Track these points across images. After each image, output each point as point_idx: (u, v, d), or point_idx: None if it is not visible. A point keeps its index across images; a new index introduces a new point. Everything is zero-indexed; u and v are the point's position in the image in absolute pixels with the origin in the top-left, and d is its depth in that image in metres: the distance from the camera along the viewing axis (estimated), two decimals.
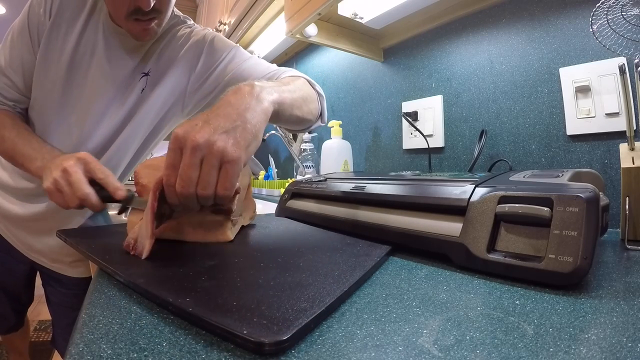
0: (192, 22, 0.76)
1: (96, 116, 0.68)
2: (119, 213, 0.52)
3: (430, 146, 0.92)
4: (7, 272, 0.78)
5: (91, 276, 0.80)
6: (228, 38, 1.61)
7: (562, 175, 0.41)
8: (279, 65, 0.81)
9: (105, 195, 0.52)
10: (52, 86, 0.64)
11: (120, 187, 0.52)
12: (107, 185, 0.52)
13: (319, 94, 0.66)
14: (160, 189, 0.36)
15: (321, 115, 0.67)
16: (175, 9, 0.72)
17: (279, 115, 0.47)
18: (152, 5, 0.57)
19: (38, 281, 0.86)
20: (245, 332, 0.20)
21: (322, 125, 0.69)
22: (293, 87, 0.54)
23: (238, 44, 0.76)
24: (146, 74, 0.71)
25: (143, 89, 0.71)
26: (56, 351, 0.94)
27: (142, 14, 0.59)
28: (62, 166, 0.51)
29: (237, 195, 0.39)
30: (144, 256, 0.36)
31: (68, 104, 0.66)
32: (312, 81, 0.66)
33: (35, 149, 0.60)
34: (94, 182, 0.52)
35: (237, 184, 0.37)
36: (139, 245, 0.38)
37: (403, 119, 1.03)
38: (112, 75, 0.67)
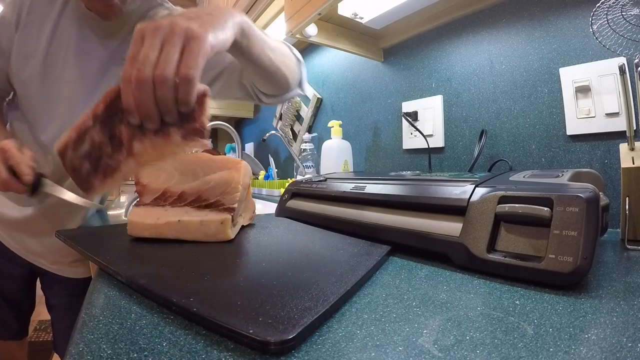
0: (169, 4, 0.73)
1: (79, 109, 0.67)
2: (30, 195, 0.56)
3: (430, 146, 0.92)
4: (5, 277, 0.77)
5: (91, 276, 0.80)
6: None
7: (562, 175, 0.41)
8: None
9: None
10: (31, 81, 0.64)
11: (27, 173, 0.54)
12: (17, 171, 0.54)
13: (297, 59, 0.64)
14: (115, 94, 0.31)
15: (301, 83, 0.65)
16: None
17: (250, 45, 0.44)
18: None
19: (38, 284, 0.86)
20: (251, 331, 0.20)
21: (301, 94, 0.68)
22: (266, 36, 0.52)
23: None
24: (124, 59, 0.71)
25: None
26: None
27: None
28: None
29: (206, 100, 0.31)
30: (55, 147, 0.32)
31: (51, 98, 0.66)
32: (291, 46, 0.65)
33: None
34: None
35: (206, 87, 0.31)
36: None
37: (403, 119, 1.03)
38: (89, 65, 0.67)
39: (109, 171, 0.33)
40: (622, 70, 0.46)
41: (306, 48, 1.58)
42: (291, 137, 1.70)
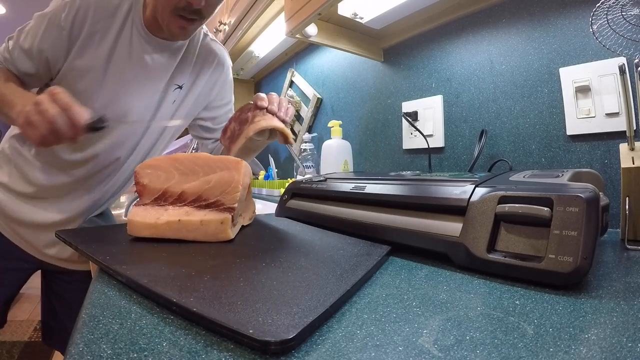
0: (207, 31, 0.82)
1: (138, 126, 0.72)
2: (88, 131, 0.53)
3: (430, 146, 0.92)
4: (6, 272, 0.78)
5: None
6: (228, 38, 1.62)
7: (562, 175, 0.41)
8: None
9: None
10: (86, 93, 0.65)
11: (83, 113, 0.52)
12: (71, 111, 0.52)
13: None
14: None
15: None
16: None
17: None
18: (202, 4, 0.60)
19: (37, 282, 0.86)
20: (251, 331, 0.20)
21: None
22: None
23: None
24: (179, 87, 0.76)
25: (174, 101, 0.76)
26: (56, 351, 0.93)
27: (188, 11, 0.61)
28: (34, 100, 0.51)
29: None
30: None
31: (102, 107, 0.67)
32: None
33: (19, 96, 0.59)
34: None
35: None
36: None
37: (403, 119, 1.03)
38: (147, 86, 0.71)
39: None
40: (622, 70, 0.46)
41: (306, 48, 1.58)
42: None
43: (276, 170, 1.61)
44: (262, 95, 0.61)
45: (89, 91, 0.66)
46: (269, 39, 1.56)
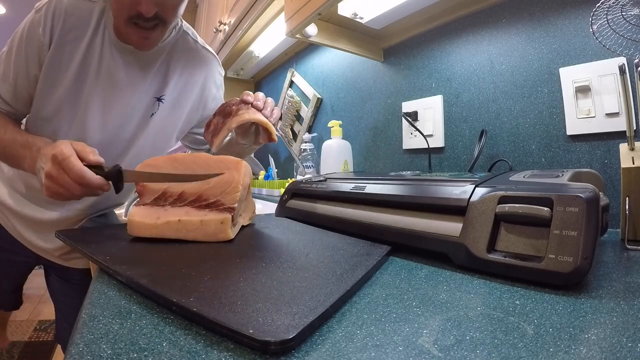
0: (191, 29, 0.76)
1: (103, 136, 0.68)
2: (117, 192, 0.52)
3: (430, 146, 0.92)
4: (11, 264, 0.80)
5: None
6: (228, 38, 1.62)
7: (562, 175, 0.41)
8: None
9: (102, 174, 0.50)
10: (59, 106, 0.64)
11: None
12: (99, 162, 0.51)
13: None
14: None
15: None
16: None
17: None
18: (153, 13, 0.56)
19: (37, 282, 0.87)
20: (251, 331, 0.20)
21: None
22: None
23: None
24: (159, 100, 0.71)
25: (153, 114, 0.71)
26: (56, 351, 0.94)
27: (144, 19, 0.57)
28: (51, 155, 0.49)
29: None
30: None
31: (75, 125, 0.65)
32: None
33: (22, 145, 0.58)
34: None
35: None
36: None
37: (403, 119, 1.03)
38: (120, 94, 0.67)
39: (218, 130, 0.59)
40: (622, 70, 0.46)
41: (306, 48, 1.58)
42: (291, 137, 1.70)
43: (276, 170, 1.61)
44: (249, 92, 0.61)
45: (59, 110, 0.63)
46: (269, 39, 1.56)
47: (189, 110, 0.76)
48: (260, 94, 0.62)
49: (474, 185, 0.39)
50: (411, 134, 1.00)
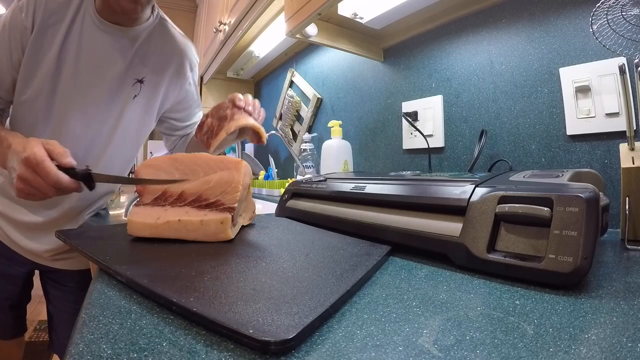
0: (166, 16, 0.78)
1: (85, 119, 0.68)
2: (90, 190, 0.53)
3: (430, 146, 0.92)
4: (7, 279, 0.77)
5: (88, 269, 0.81)
6: (228, 38, 1.62)
7: (562, 175, 0.41)
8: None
9: (73, 173, 0.51)
10: (40, 89, 0.64)
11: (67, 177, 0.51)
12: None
13: None
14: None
15: None
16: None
17: None
18: None
19: (36, 282, 0.86)
20: (251, 331, 0.20)
21: None
22: None
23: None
24: (140, 81, 0.72)
25: (135, 96, 0.72)
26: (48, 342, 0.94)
27: None
28: (23, 158, 0.48)
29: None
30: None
31: (56, 107, 0.66)
32: None
33: None
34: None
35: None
36: None
37: (403, 119, 1.03)
38: (101, 75, 0.67)
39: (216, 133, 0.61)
40: (622, 70, 0.46)
41: (306, 48, 1.58)
42: (291, 137, 1.70)
43: (276, 170, 1.61)
44: (239, 95, 0.64)
45: (40, 93, 0.64)
46: (269, 39, 1.56)
47: (166, 90, 0.77)
48: (249, 98, 0.65)
49: (474, 185, 0.39)
50: (411, 134, 1.00)
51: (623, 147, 0.52)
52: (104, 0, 0.64)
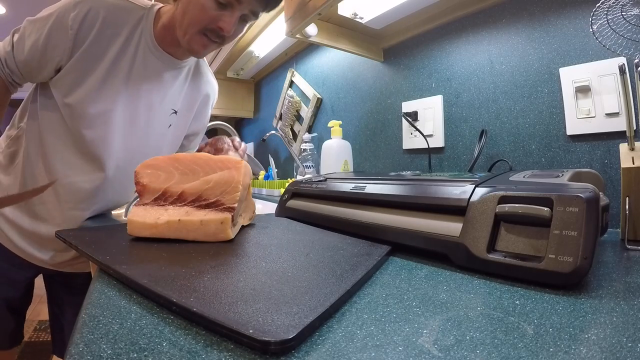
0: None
1: (124, 138, 0.71)
2: None
3: (430, 146, 0.92)
4: (11, 284, 0.77)
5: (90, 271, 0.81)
6: None
7: (562, 175, 0.41)
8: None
9: None
10: (85, 96, 0.65)
11: None
12: None
13: None
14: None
15: None
16: None
17: None
18: (231, 33, 0.64)
19: (36, 282, 0.86)
20: (251, 331, 0.20)
21: None
22: None
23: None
24: (175, 112, 0.78)
25: (170, 125, 0.78)
26: (52, 346, 0.93)
27: (215, 34, 0.64)
28: None
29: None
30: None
31: (99, 119, 0.67)
32: None
33: None
34: None
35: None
36: None
37: (403, 119, 1.03)
38: (147, 99, 0.71)
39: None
40: (622, 70, 0.46)
41: (306, 48, 1.58)
42: (291, 137, 1.70)
43: (276, 170, 1.61)
44: (238, 139, 0.82)
45: (84, 99, 0.65)
46: (269, 39, 1.56)
47: (191, 123, 0.85)
48: (244, 144, 0.82)
49: (474, 185, 0.39)
50: (411, 134, 1.00)
51: (623, 147, 0.52)
52: (168, 31, 0.67)
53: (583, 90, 0.65)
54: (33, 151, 0.69)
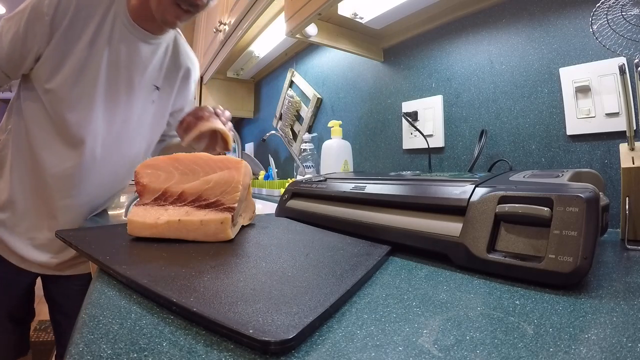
0: (180, 33, 0.85)
1: (107, 116, 0.71)
2: None
3: (430, 146, 0.92)
4: (10, 291, 0.77)
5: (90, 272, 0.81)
6: (228, 38, 1.62)
7: (562, 175, 0.41)
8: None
9: None
10: (65, 80, 0.66)
11: None
12: None
13: None
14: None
15: None
16: None
17: None
18: (207, 2, 0.65)
19: (38, 281, 0.86)
20: (251, 331, 0.20)
21: None
22: None
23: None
24: (157, 88, 0.78)
25: (153, 101, 0.78)
26: (56, 351, 0.93)
27: (188, 3, 0.65)
28: None
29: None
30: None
31: (81, 101, 0.67)
32: None
33: None
34: None
35: None
36: None
37: (403, 119, 1.03)
38: (127, 77, 0.71)
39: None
40: (622, 70, 0.46)
41: (306, 48, 1.58)
42: (291, 137, 1.70)
43: (276, 170, 1.61)
44: (220, 107, 0.76)
45: (65, 83, 0.66)
46: (269, 39, 1.56)
47: (174, 99, 0.84)
48: (227, 113, 0.76)
49: (474, 185, 0.39)
50: (411, 134, 1.00)
51: (623, 147, 0.52)
52: (143, 6, 0.67)
53: (583, 90, 0.65)
54: (21, 148, 0.69)
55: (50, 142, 0.68)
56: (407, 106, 1.03)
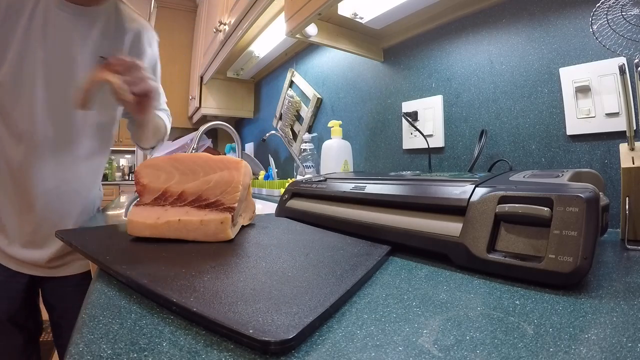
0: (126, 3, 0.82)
1: (55, 99, 0.70)
2: None
3: (430, 146, 0.92)
4: (7, 294, 0.76)
5: (88, 270, 0.80)
6: (228, 38, 1.62)
7: (562, 175, 0.41)
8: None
9: None
10: (8, 71, 0.65)
11: None
12: None
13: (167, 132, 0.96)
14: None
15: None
16: None
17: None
18: None
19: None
20: (251, 331, 0.20)
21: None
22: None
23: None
24: (104, 58, 0.71)
25: None
26: (56, 351, 0.93)
27: None
28: None
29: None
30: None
31: (26, 88, 0.67)
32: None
33: None
34: None
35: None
36: None
37: (403, 119, 1.03)
38: (68, 55, 0.70)
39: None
40: (622, 70, 0.46)
41: (306, 48, 1.58)
42: (291, 137, 1.70)
43: (276, 170, 1.61)
44: (125, 57, 0.61)
45: (7, 76, 0.65)
46: (269, 39, 1.56)
47: None
48: (127, 58, 0.60)
49: (474, 185, 0.39)
50: (411, 134, 1.00)
51: (623, 147, 0.52)
52: None
53: (583, 90, 0.65)
54: None
55: (5, 140, 0.69)
56: (407, 106, 1.03)
